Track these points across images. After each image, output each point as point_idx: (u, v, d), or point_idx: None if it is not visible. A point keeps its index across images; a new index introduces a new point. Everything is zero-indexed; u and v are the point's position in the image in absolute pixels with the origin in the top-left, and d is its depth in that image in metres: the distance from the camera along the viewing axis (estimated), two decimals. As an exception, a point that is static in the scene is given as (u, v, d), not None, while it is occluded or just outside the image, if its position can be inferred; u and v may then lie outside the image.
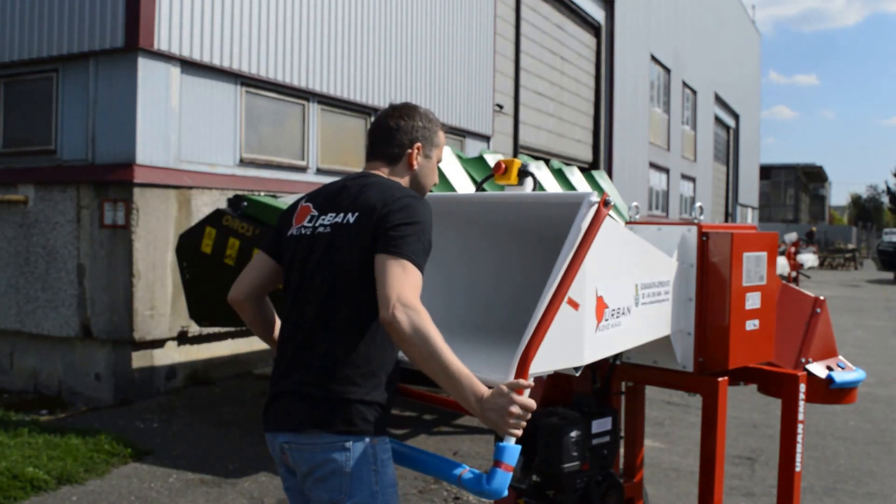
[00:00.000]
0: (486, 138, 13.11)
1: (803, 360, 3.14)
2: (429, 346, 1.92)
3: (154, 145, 7.12)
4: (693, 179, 27.26)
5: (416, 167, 2.35)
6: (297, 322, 2.21)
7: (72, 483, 4.87)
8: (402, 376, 2.30)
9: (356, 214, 2.17)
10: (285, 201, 5.97)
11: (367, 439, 2.10)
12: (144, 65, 7.01)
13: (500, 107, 13.85)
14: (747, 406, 7.23)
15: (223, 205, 6.75)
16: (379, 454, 2.13)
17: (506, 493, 1.99)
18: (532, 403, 1.93)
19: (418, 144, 2.34)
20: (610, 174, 17.55)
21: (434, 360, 1.92)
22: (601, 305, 2.26)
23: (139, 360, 7.06)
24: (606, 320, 2.29)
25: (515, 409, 1.90)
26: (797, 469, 2.89)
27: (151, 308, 7.06)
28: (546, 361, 2.05)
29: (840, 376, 3.15)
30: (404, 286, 1.99)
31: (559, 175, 7.42)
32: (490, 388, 1.95)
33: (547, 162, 7.78)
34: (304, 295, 2.20)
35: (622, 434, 3.05)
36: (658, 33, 22.53)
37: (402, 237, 2.06)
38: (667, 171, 24.06)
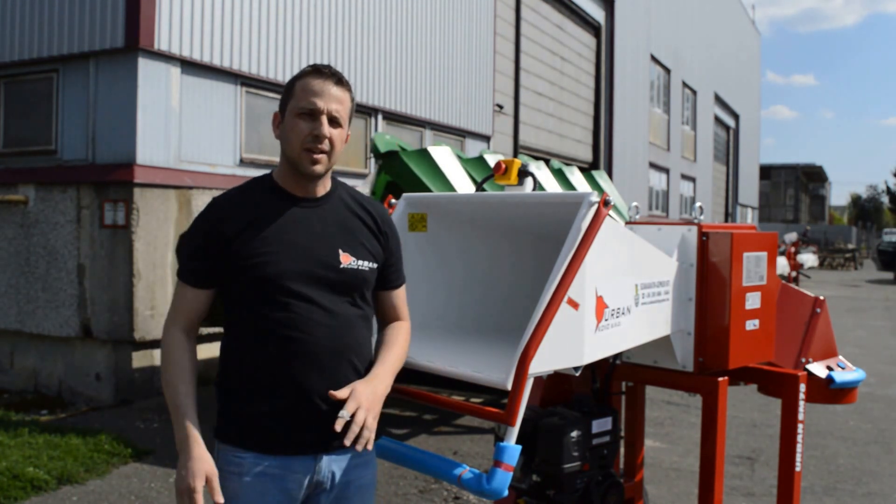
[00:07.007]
0: (486, 138, 13.11)
1: (803, 359, 3.14)
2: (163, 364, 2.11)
3: (154, 145, 7.12)
4: (693, 179, 27.26)
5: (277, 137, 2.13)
6: None
7: (72, 483, 4.87)
8: (402, 377, 2.28)
9: None
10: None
11: (217, 442, 2.11)
12: (144, 65, 7.01)
13: (500, 107, 13.84)
14: (747, 406, 7.23)
15: (223, 205, 6.69)
16: (219, 461, 2.07)
17: (506, 493, 1.99)
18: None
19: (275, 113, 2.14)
20: (610, 174, 17.54)
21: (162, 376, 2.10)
22: (601, 305, 2.25)
23: (139, 359, 7.06)
24: (606, 320, 2.28)
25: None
26: (797, 469, 2.89)
27: (151, 308, 7.06)
28: (546, 361, 2.05)
29: (840, 376, 3.15)
30: None
31: (559, 175, 7.41)
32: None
33: (547, 162, 7.77)
34: None
35: (622, 434, 3.04)
36: (658, 33, 22.52)
37: None
38: (667, 171, 24.06)
